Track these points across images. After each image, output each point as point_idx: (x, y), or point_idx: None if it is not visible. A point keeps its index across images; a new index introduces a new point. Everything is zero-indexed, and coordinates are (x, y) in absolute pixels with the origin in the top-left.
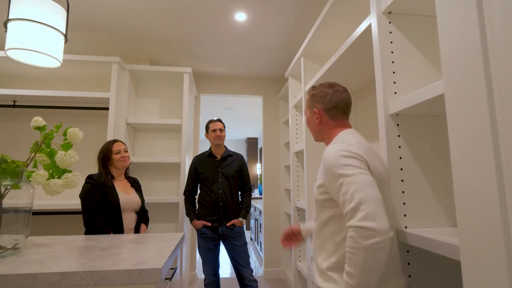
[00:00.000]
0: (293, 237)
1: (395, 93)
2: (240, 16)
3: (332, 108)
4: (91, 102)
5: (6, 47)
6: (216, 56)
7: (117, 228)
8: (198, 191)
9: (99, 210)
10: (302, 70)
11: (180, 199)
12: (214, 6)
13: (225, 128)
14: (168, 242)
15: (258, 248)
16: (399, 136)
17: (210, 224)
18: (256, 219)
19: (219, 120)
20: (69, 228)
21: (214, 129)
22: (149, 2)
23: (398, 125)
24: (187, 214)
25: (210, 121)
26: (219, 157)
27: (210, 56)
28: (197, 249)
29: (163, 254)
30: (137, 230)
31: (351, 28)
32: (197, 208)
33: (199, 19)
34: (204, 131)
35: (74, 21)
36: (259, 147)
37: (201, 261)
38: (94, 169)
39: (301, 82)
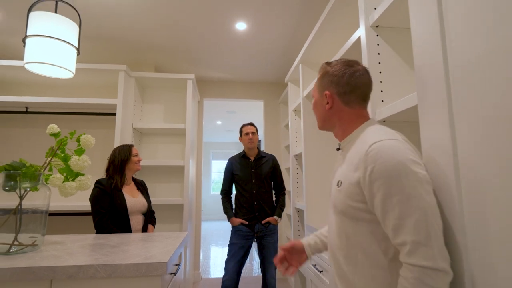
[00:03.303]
0: (294, 257)
1: (382, 101)
2: (241, 26)
3: (349, 92)
4: (99, 108)
5: (25, 61)
6: (218, 62)
7: (125, 229)
8: (234, 191)
9: (108, 213)
10: (300, 76)
11: (185, 200)
12: (215, 16)
13: (259, 131)
14: (173, 240)
15: None
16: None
17: (247, 222)
18: None
19: (251, 124)
20: (80, 228)
21: (247, 132)
22: (153, 13)
23: None
24: (225, 212)
25: (243, 125)
26: (252, 158)
27: (212, 62)
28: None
29: (168, 250)
30: (144, 230)
31: (345, 36)
32: (234, 207)
33: (202, 28)
34: (205, 137)
35: (83, 31)
36: (261, 150)
37: (204, 261)
38: (101, 172)
39: (300, 87)
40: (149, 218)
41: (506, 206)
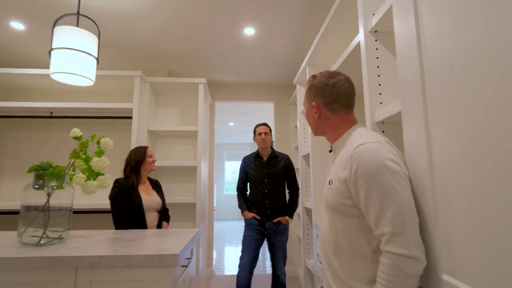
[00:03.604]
0: None
1: (381, 103)
2: (249, 31)
3: (333, 101)
4: (116, 112)
5: (51, 71)
6: (228, 66)
7: (141, 225)
8: (248, 190)
9: (125, 210)
10: (307, 79)
11: (197, 199)
12: (224, 23)
13: (269, 131)
14: (185, 236)
15: None
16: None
17: (259, 217)
18: None
19: (264, 124)
20: (100, 225)
21: (260, 132)
22: (166, 22)
23: (383, 131)
24: (239, 207)
25: (257, 126)
26: (265, 158)
27: (223, 66)
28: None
29: (180, 244)
30: (159, 227)
31: (349, 38)
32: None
33: (212, 35)
34: (218, 138)
35: (102, 40)
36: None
37: (218, 259)
38: (119, 171)
39: None
40: (164, 215)
41: (471, 203)
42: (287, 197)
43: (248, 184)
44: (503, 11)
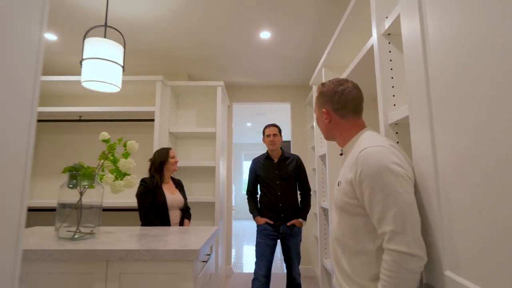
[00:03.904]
0: None
1: (394, 105)
2: (265, 35)
3: (342, 107)
4: (139, 115)
5: (82, 79)
6: (245, 69)
7: (165, 222)
8: (259, 192)
9: (151, 208)
10: (323, 79)
11: (216, 199)
12: (241, 28)
13: (280, 132)
14: (205, 233)
15: None
16: (397, 142)
17: (272, 222)
18: None
19: (273, 125)
20: (126, 222)
21: (268, 134)
22: (186, 28)
23: (396, 133)
24: (251, 211)
25: (266, 127)
26: (276, 159)
27: (240, 68)
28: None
29: (200, 241)
30: (181, 225)
31: (364, 40)
32: (259, 207)
33: (229, 40)
34: (236, 138)
35: (125, 48)
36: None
37: (237, 257)
38: (142, 171)
39: None
40: (185, 213)
41: (474, 203)
42: (299, 199)
43: (259, 186)
44: (504, 10)
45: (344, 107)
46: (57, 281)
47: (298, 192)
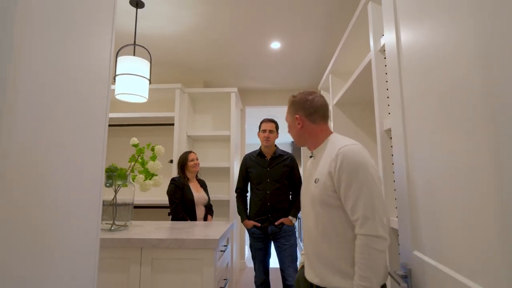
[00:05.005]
0: None
1: (389, 113)
2: (275, 45)
3: (313, 113)
4: (161, 120)
5: (116, 92)
6: (257, 74)
7: (192, 217)
8: (249, 190)
9: (180, 203)
10: (330, 85)
11: (231, 197)
12: (254, 39)
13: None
14: (223, 227)
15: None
16: (391, 146)
17: (260, 224)
18: (299, 219)
19: (271, 121)
20: (152, 218)
21: (264, 129)
22: (202, 39)
23: (391, 138)
24: (239, 213)
25: (263, 121)
26: (268, 157)
27: (252, 75)
28: (246, 247)
29: (219, 232)
30: (205, 219)
31: (368, 48)
32: (248, 206)
33: (243, 49)
34: (249, 139)
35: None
36: (302, 151)
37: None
38: (162, 171)
39: (329, 95)
40: (209, 210)
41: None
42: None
43: (249, 184)
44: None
45: (315, 112)
46: (103, 264)
47: (290, 193)
